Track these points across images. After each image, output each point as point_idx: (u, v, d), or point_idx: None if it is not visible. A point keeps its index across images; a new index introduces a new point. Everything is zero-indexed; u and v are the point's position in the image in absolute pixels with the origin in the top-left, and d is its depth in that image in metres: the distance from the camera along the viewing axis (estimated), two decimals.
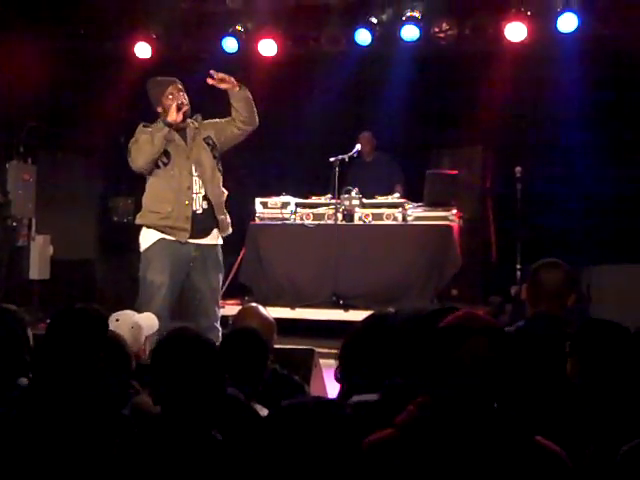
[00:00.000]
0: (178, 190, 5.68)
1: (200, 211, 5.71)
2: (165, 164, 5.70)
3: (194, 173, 5.72)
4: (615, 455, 2.42)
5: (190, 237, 5.69)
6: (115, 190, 10.37)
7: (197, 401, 2.51)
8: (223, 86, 5.79)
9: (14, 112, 9.22)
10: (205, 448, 2.46)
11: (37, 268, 9.32)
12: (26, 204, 9.36)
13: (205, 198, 5.73)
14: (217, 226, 5.79)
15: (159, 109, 5.77)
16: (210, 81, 5.80)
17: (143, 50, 9.96)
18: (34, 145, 9.57)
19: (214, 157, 5.81)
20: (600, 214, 9.03)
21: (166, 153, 5.68)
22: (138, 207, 6.10)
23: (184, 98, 5.74)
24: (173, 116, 5.61)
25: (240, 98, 5.78)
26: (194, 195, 5.70)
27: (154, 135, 5.61)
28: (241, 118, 5.81)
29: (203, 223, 5.73)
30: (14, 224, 9.22)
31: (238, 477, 2.38)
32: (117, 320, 3.98)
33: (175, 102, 5.65)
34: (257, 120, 5.88)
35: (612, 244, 8.63)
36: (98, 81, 9.87)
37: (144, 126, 5.74)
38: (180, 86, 5.81)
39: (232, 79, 5.78)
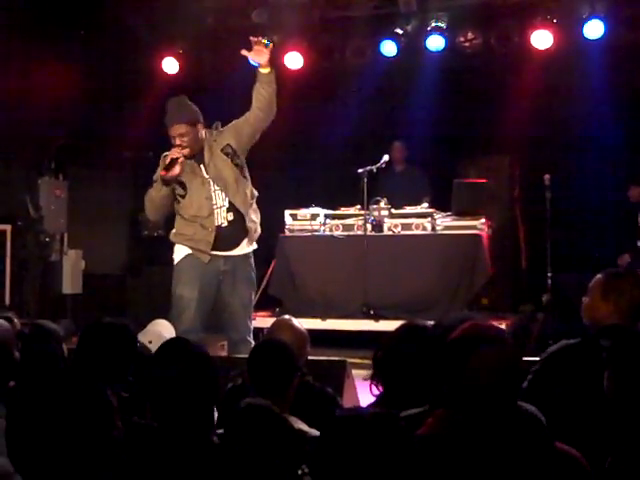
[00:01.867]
0: (198, 216, 5.70)
1: (225, 224, 5.69)
2: (182, 196, 5.73)
3: (216, 188, 5.67)
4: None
5: (217, 250, 5.70)
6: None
7: (190, 410, 2.52)
8: (257, 58, 5.63)
9: (45, 129, 9.34)
10: (203, 452, 2.47)
11: (70, 282, 9.43)
12: (58, 219, 9.47)
13: (230, 210, 5.70)
14: (246, 236, 5.74)
15: None
16: (244, 52, 5.70)
17: (170, 65, 10.07)
18: (65, 161, 9.68)
19: (236, 165, 5.71)
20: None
21: (182, 184, 5.70)
22: (167, 221, 6.17)
23: (183, 143, 5.57)
24: (172, 173, 5.53)
25: (267, 81, 5.62)
26: (217, 211, 5.68)
27: (152, 195, 5.69)
28: (259, 105, 5.64)
29: (230, 236, 5.72)
30: (47, 239, 9.34)
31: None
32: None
33: (169, 158, 5.54)
34: (275, 111, 5.69)
35: None
36: (127, 97, 9.99)
37: (163, 157, 5.68)
38: (182, 128, 5.59)
39: (266, 55, 5.62)
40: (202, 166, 5.70)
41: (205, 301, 5.74)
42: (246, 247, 5.80)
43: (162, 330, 4.33)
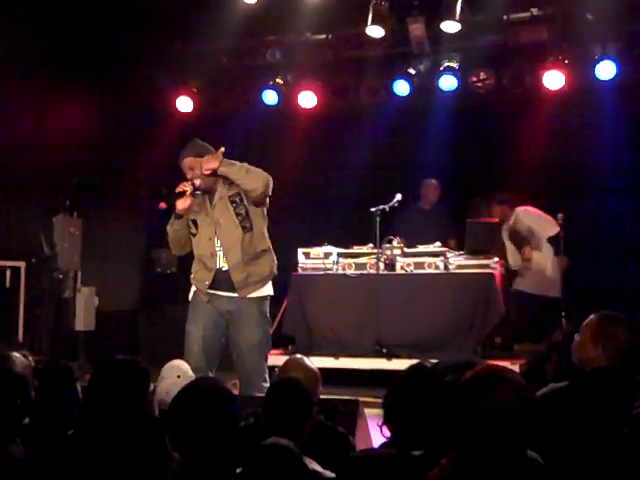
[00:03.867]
0: (203, 255, 5.75)
1: (225, 268, 5.70)
2: (194, 235, 5.79)
3: (217, 233, 5.70)
4: None
5: (219, 290, 5.72)
6: (158, 242, 10.50)
7: (213, 449, 2.54)
8: (208, 173, 5.57)
9: (60, 167, 9.42)
10: None
11: (83, 319, 9.44)
12: (72, 257, 9.52)
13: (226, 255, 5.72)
14: (234, 287, 5.67)
15: None
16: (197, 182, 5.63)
17: (185, 104, 10.18)
18: (80, 199, 9.74)
19: (237, 215, 5.66)
20: None
21: (195, 222, 5.76)
22: (180, 258, 6.21)
23: (193, 176, 5.60)
24: (178, 207, 5.61)
25: (228, 173, 5.56)
26: (219, 253, 5.70)
27: (168, 229, 5.79)
28: (242, 188, 5.60)
29: (229, 281, 5.70)
30: (60, 276, 9.37)
31: None
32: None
33: (179, 189, 5.59)
34: (261, 184, 5.55)
35: None
36: (141, 135, 10.09)
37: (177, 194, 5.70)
38: (191, 161, 5.63)
39: (206, 165, 5.53)
40: (210, 205, 5.73)
41: (211, 339, 5.72)
42: (256, 291, 5.73)
43: (182, 367, 4.35)
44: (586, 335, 3.54)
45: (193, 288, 5.89)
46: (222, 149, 5.61)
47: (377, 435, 3.76)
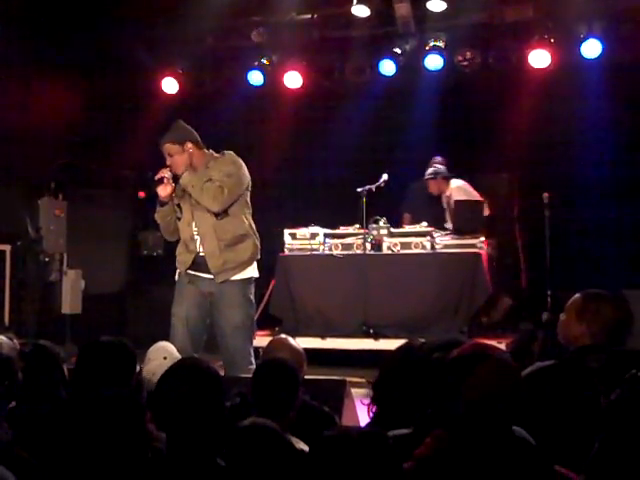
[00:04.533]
0: (185, 239, 5.78)
1: (203, 253, 5.72)
2: (179, 219, 5.81)
3: (194, 218, 5.73)
4: None
5: (200, 272, 5.73)
6: (144, 224, 10.48)
7: (198, 429, 2.54)
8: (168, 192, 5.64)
9: (45, 149, 9.36)
10: (209, 475, 2.49)
11: (69, 303, 9.41)
12: (58, 240, 9.48)
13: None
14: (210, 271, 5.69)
15: None
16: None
17: (170, 85, 10.12)
18: (65, 181, 9.69)
19: None
20: (629, 238, 9.00)
21: (179, 206, 5.77)
22: (166, 240, 6.22)
23: (171, 162, 5.61)
24: (160, 194, 5.62)
25: (194, 195, 5.60)
26: (197, 237, 5.73)
27: (157, 218, 5.83)
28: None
29: (206, 265, 5.72)
30: (46, 259, 9.34)
31: None
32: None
33: (159, 176, 5.59)
34: (216, 205, 5.54)
35: None
36: (127, 116, 10.03)
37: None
38: (169, 147, 5.64)
39: (164, 188, 5.59)
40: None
41: (195, 320, 5.74)
42: (232, 276, 5.71)
43: (168, 348, 4.35)
44: (571, 313, 3.56)
45: (178, 270, 5.90)
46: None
47: (364, 415, 3.77)
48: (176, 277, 5.93)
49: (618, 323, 3.49)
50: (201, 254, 5.71)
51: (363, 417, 4.37)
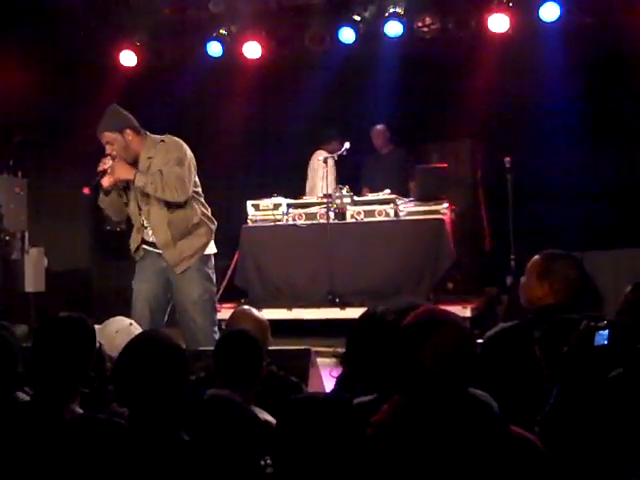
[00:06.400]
0: (136, 226, 5.77)
1: (152, 240, 5.71)
2: (126, 204, 5.77)
3: (141, 209, 5.69)
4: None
5: (153, 247, 5.71)
6: None
7: (161, 403, 2.53)
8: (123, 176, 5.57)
9: (1, 126, 9.22)
10: (173, 449, 2.49)
11: (32, 281, 9.31)
12: (18, 217, 9.36)
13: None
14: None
15: None
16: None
17: (128, 58, 9.99)
18: (23, 158, 9.56)
19: None
20: (589, 200, 9.09)
21: (125, 191, 5.72)
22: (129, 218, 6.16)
23: (111, 151, 5.56)
24: (104, 184, 5.55)
25: (144, 188, 5.52)
26: (148, 226, 5.70)
27: (102, 206, 5.75)
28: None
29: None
30: (7, 238, 9.22)
31: (206, 477, 2.40)
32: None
33: (101, 168, 5.55)
34: (177, 196, 5.49)
35: (602, 230, 8.69)
36: (85, 91, 9.87)
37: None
38: (107, 136, 5.55)
39: (118, 174, 5.52)
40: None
41: (154, 291, 5.72)
42: (193, 262, 5.68)
43: (120, 322, 4.32)
44: (532, 275, 3.56)
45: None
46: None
47: (330, 384, 3.78)
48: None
49: (579, 282, 3.50)
50: (152, 241, 5.70)
51: (329, 387, 4.40)
